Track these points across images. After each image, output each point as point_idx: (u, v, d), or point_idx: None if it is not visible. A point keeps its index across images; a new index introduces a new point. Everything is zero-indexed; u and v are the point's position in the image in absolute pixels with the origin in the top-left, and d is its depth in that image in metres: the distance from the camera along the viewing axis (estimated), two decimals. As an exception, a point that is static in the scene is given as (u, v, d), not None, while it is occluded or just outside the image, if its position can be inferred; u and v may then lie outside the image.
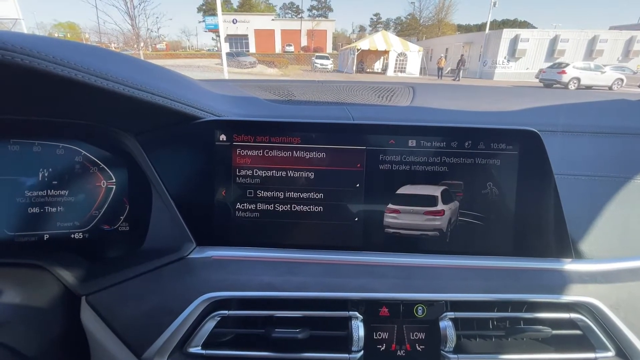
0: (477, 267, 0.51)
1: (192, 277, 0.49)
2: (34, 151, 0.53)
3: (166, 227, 0.52)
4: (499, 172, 0.51)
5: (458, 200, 0.52)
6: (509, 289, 0.49)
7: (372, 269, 0.51)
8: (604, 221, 0.53)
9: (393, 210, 0.52)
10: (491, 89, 0.98)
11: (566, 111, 0.73)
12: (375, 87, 0.91)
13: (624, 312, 0.48)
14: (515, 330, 0.49)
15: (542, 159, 0.51)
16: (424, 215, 0.52)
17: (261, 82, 0.96)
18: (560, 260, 0.52)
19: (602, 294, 0.49)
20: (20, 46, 0.32)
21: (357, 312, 0.49)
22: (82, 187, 0.55)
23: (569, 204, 0.51)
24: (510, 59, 21.45)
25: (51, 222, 0.54)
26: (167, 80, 0.53)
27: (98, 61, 0.40)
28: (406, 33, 46.81)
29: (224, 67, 11.49)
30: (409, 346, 0.50)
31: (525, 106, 0.73)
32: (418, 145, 0.51)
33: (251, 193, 0.52)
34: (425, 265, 0.52)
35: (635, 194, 0.55)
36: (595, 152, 0.60)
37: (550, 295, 0.49)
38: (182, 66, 17.48)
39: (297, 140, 0.51)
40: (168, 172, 0.53)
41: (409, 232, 0.52)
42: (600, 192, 0.55)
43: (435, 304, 0.50)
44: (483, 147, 0.51)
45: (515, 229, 0.52)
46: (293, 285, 0.49)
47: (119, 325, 0.47)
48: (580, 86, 14.46)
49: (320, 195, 0.52)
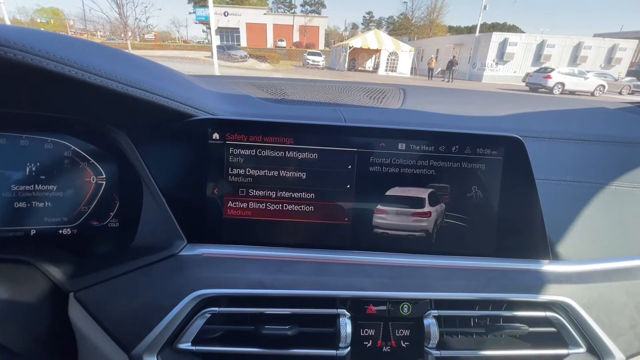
0: (460, 267, 0.54)
1: (183, 274, 0.49)
2: (21, 145, 0.52)
3: (157, 224, 0.52)
4: (484, 176, 0.53)
5: (444, 203, 0.53)
6: (489, 289, 0.51)
7: (361, 268, 0.52)
8: (580, 225, 0.56)
9: (382, 211, 0.53)
10: (479, 93, 1.01)
11: (549, 118, 0.76)
12: (367, 88, 0.92)
13: (596, 311, 0.51)
14: (494, 328, 0.51)
15: (525, 164, 0.53)
16: (411, 217, 0.53)
17: (254, 79, 0.96)
18: (538, 262, 0.54)
19: (576, 293, 0.52)
20: (14, 41, 0.32)
21: (345, 310, 0.50)
22: (71, 182, 0.54)
23: (547, 208, 0.54)
24: (498, 61, 21.88)
25: (38, 217, 0.53)
26: (161, 77, 0.52)
27: (92, 57, 0.40)
28: (398, 32, 47.07)
29: (214, 60, 11.32)
30: (394, 343, 0.51)
31: (510, 112, 0.76)
32: (407, 148, 0.53)
33: (243, 192, 0.53)
34: (411, 265, 0.53)
35: (609, 199, 0.58)
36: (576, 158, 0.63)
37: (528, 295, 0.51)
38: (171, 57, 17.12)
39: (290, 140, 0.52)
40: (159, 169, 0.52)
41: (397, 232, 0.54)
42: (577, 197, 0.58)
43: (419, 302, 0.52)
44: (469, 152, 0.53)
45: (497, 231, 0.54)
46: (283, 283, 0.50)
47: (108, 321, 0.47)
48: (565, 91, 14.89)
49: (312, 195, 0.53)
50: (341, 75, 18.37)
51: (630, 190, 0.59)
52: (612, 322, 0.52)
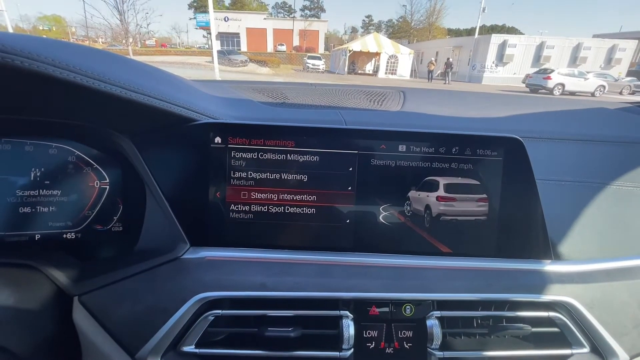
0: (462, 267, 0.54)
1: (186, 277, 0.50)
2: (26, 150, 0.52)
3: (160, 228, 0.53)
4: (484, 178, 0.54)
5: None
6: (492, 289, 0.51)
7: (363, 270, 0.53)
8: (582, 224, 0.56)
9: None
10: (478, 95, 1.01)
11: (549, 119, 0.76)
12: (367, 91, 0.93)
13: (598, 310, 0.51)
14: (497, 328, 0.51)
15: (525, 165, 0.53)
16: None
17: (255, 84, 0.97)
18: (540, 262, 0.54)
19: (579, 293, 0.52)
20: (20, 48, 0.33)
21: (348, 312, 0.50)
22: (75, 187, 0.55)
23: (549, 208, 0.54)
24: (498, 63, 21.94)
25: (43, 222, 0.54)
26: (164, 82, 0.53)
27: (96, 63, 0.40)
28: (398, 35, 47.26)
29: (215, 65, 11.38)
30: (397, 344, 0.51)
31: (510, 113, 0.76)
32: (408, 150, 0.53)
33: (245, 195, 0.53)
34: (413, 266, 0.54)
35: (610, 199, 0.58)
36: (576, 158, 0.63)
37: (531, 295, 0.51)
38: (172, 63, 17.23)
39: (291, 143, 0.53)
40: (162, 173, 0.53)
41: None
42: (578, 197, 0.58)
43: (422, 303, 0.52)
44: (469, 153, 0.53)
45: (499, 232, 0.54)
46: (286, 286, 0.50)
47: (112, 325, 0.48)
48: (565, 92, 14.88)
49: (313, 197, 0.53)
50: (341, 79, 18.45)
51: (631, 190, 0.59)
52: (615, 322, 0.52)
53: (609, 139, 0.66)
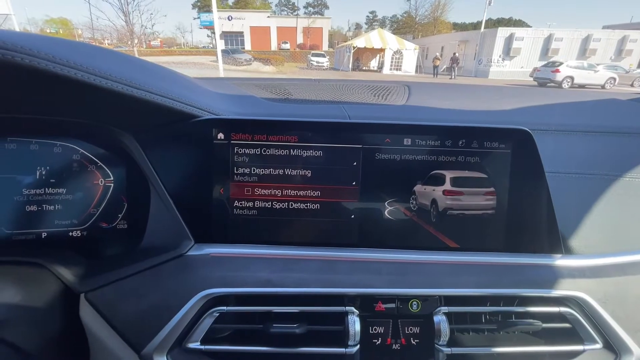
0: (470, 262, 0.53)
1: (191, 274, 0.50)
2: (31, 149, 0.53)
3: (164, 225, 0.53)
4: (492, 171, 0.52)
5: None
6: (501, 284, 0.50)
7: (369, 265, 0.52)
8: (593, 218, 0.55)
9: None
10: (485, 88, 1.00)
11: (558, 111, 0.74)
12: (371, 85, 0.92)
13: (611, 305, 0.50)
14: (506, 324, 0.50)
15: (534, 157, 0.52)
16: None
17: (258, 80, 0.96)
18: (550, 256, 0.53)
19: (591, 288, 0.50)
20: (21, 45, 0.32)
21: (354, 308, 0.50)
22: (80, 185, 0.55)
23: (559, 201, 0.52)
24: (505, 57, 21.60)
25: (49, 220, 0.54)
26: (166, 79, 0.53)
27: (97, 60, 0.40)
28: (402, 31, 46.82)
29: (219, 64, 11.42)
30: (404, 340, 0.51)
31: (518, 105, 0.74)
32: (413, 143, 0.52)
33: (249, 191, 0.53)
34: (420, 261, 0.53)
35: (622, 191, 0.57)
36: (586, 150, 0.62)
37: (541, 290, 0.50)
38: (177, 63, 17.34)
39: (294, 138, 0.52)
40: (166, 170, 0.53)
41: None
42: (589, 189, 0.57)
43: (429, 299, 0.51)
44: (476, 146, 0.52)
45: (508, 226, 0.53)
46: (291, 282, 0.50)
47: (118, 321, 0.48)
48: (574, 85, 14.61)
49: (317, 192, 0.53)
50: (345, 76, 18.36)
51: None
52: (629, 317, 0.50)
53: (621, 130, 0.64)
